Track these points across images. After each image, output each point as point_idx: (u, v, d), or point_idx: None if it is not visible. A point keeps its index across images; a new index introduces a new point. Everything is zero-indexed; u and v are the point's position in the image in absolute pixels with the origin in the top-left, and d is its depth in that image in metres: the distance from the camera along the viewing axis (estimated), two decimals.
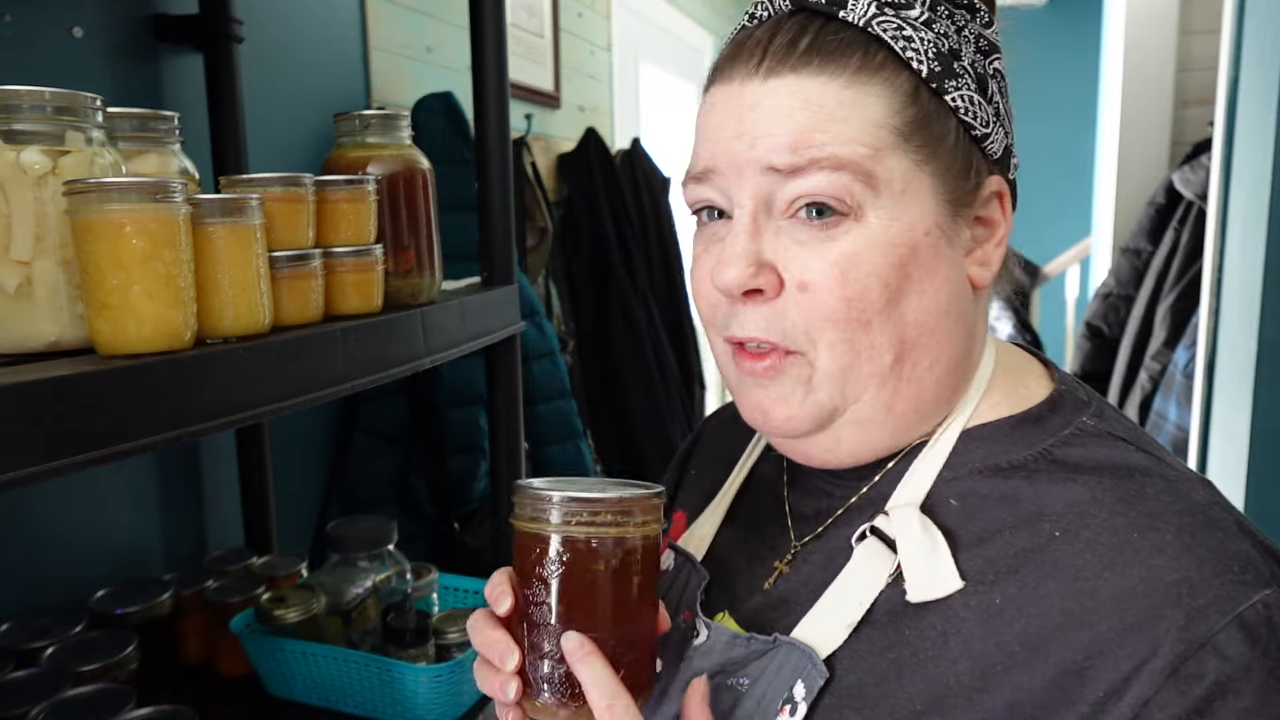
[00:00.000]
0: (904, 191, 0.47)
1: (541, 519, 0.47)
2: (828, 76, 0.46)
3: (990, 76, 0.49)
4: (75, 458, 0.54)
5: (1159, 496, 0.45)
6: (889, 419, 0.50)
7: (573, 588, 0.47)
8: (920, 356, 0.49)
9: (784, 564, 0.55)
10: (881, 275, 0.46)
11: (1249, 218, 1.71)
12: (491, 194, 1.12)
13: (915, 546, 0.47)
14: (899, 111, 0.46)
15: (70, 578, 1.06)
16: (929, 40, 0.47)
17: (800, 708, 0.47)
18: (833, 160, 0.46)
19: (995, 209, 0.50)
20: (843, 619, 0.48)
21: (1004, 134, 0.50)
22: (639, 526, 0.48)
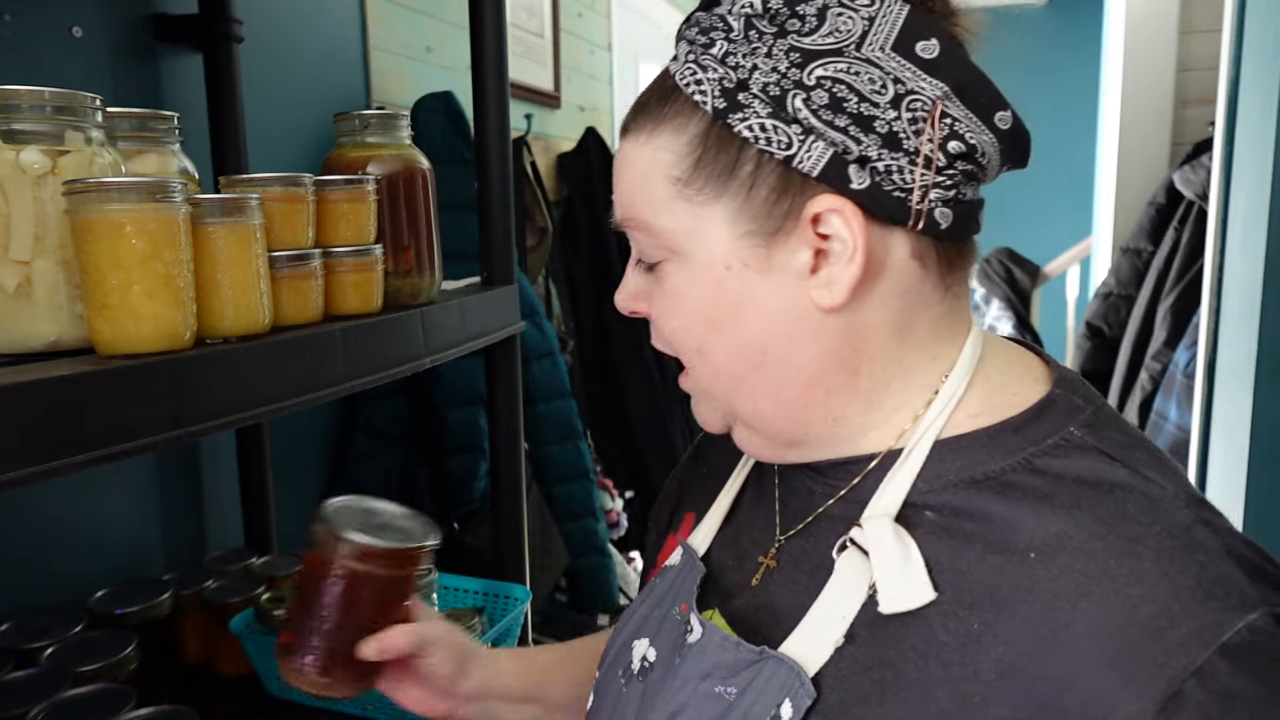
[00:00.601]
0: (690, 234, 0.50)
1: (325, 542, 0.63)
2: (638, 135, 0.51)
3: (801, 86, 0.46)
4: (75, 458, 0.54)
5: (1139, 518, 0.43)
6: (767, 425, 0.53)
7: (330, 597, 0.63)
8: (761, 375, 0.51)
9: (769, 559, 0.56)
10: (693, 310, 0.51)
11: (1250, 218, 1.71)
12: (491, 194, 1.12)
13: (887, 557, 0.46)
14: (681, 159, 0.49)
15: (70, 578, 1.06)
16: (717, 76, 0.48)
17: None
18: (634, 222, 0.52)
19: (836, 226, 0.47)
20: (829, 636, 0.48)
21: (829, 146, 0.46)
22: (393, 568, 0.65)
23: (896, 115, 0.46)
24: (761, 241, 0.48)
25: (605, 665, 0.62)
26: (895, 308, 0.50)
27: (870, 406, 0.51)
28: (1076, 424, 0.48)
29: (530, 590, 1.18)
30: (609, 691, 0.59)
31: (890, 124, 0.46)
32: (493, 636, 1.05)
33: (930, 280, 0.50)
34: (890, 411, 0.51)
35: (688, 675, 0.52)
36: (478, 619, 1.05)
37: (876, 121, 0.46)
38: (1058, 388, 0.51)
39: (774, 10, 0.47)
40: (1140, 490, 0.45)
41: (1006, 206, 4.80)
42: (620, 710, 0.57)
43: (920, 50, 0.47)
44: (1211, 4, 2.81)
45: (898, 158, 0.47)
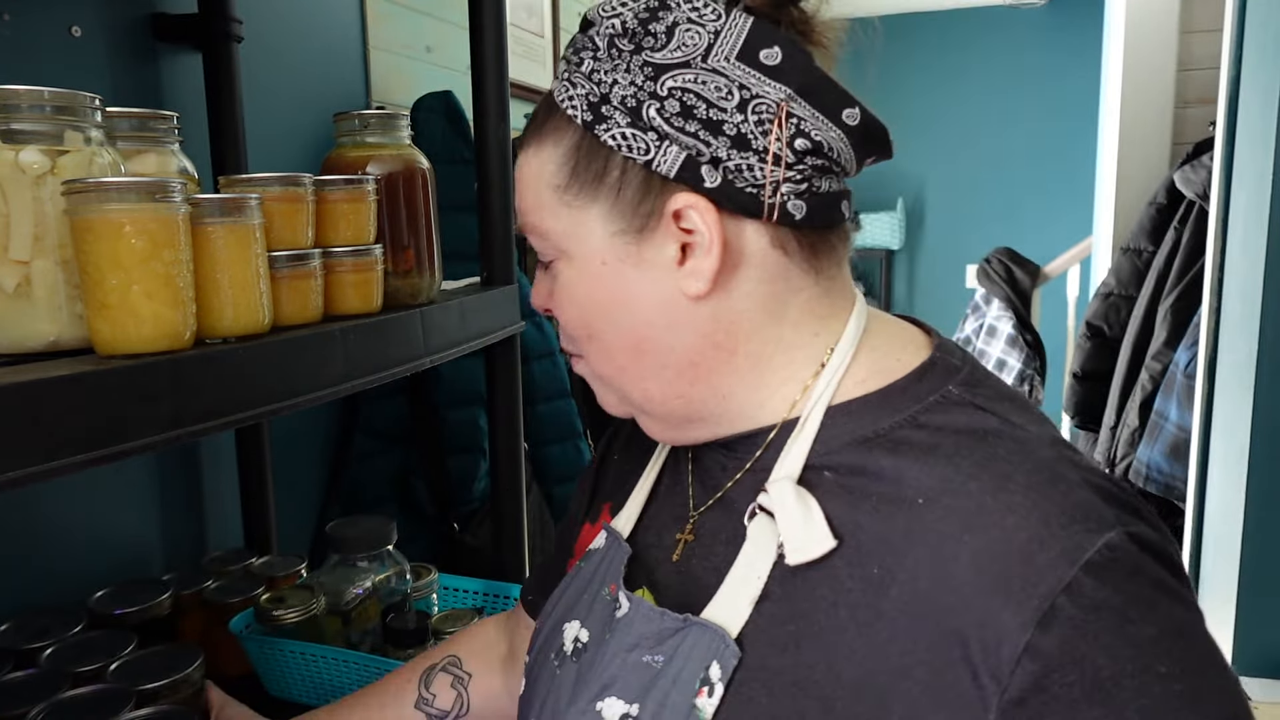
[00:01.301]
0: (571, 235, 0.55)
1: None
2: (528, 148, 0.57)
3: (655, 97, 0.51)
4: (75, 458, 0.54)
5: (1009, 458, 0.48)
6: (657, 407, 0.58)
7: None
8: (643, 361, 0.56)
9: (686, 534, 0.59)
10: (579, 302, 0.57)
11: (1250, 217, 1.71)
12: (491, 194, 1.12)
13: (790, 513, 0.50)
14: (560, 168, 0.55)
15: (70, 578, 1.06)
16: (584, 92, 0.53)
17: (717, 688, 0.49)
18: (528, 225, 0.58)
19: (695, 221, 0.52)
20: (746, 597, 0.51)
21: (682, 150, 0.51)
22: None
23: (744, 118, 0.51)
24: (632, 239, 0.54)
25: (535, 650, 0.64)
26: (764, 294, 0.55)
27: (757, 382, 0.56)
28: (954, 382, 0.54)
29: None
30: (542, 674, 0.62)
31: (738, 126, 0.51)
32: None
33: (796, 266, 0.55)
34: (778, 385, 0.56)
35: (617, 648, 0.55)
36: (477, 619, 1.05)
37: (725, 125, 0.51)
38: (937, 352, 0.56)
39: (631, 30, 0.53)
40: (1009, 435, 0.50)
41: (1007, 206, 4.81)
42: (555, 691, 0.60)
43: (764, 58, 0.52)
44: (1212, 4, 2.81)
45: (747, 156, 0.52)
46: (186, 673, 0.89)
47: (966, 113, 4.65)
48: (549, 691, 0.60)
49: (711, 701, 0.49)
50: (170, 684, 0.88)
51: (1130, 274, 2.69)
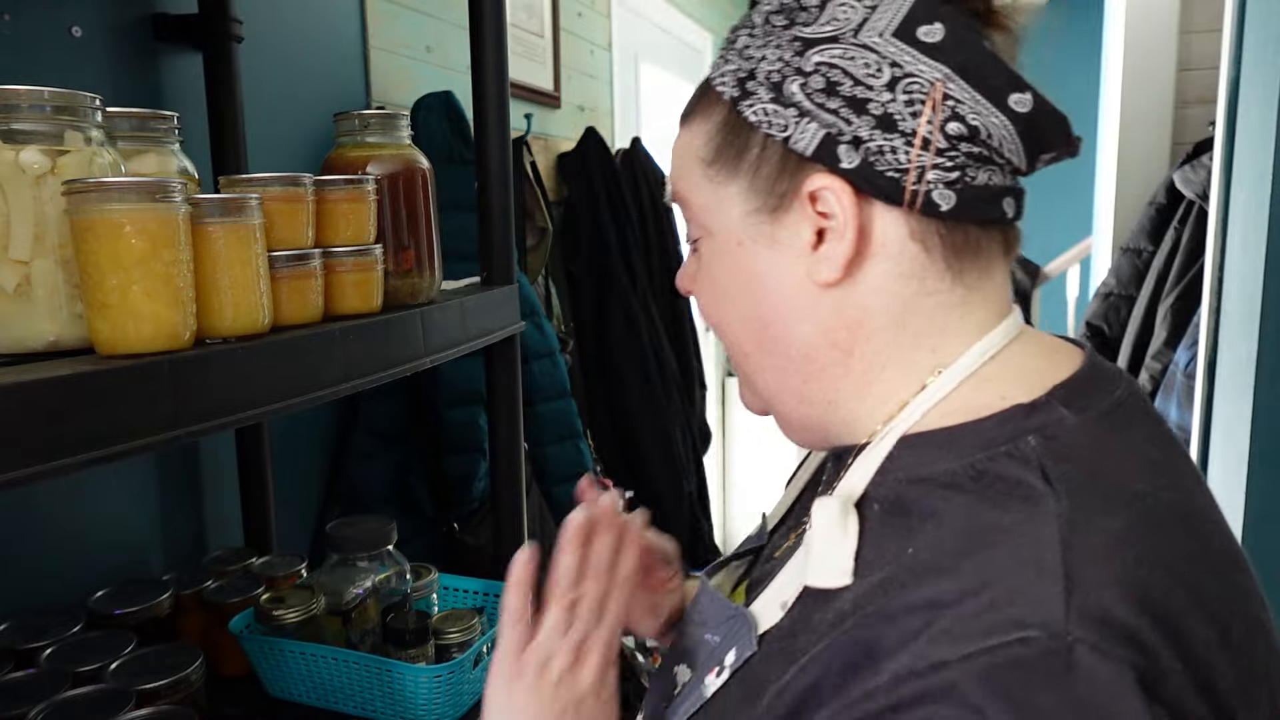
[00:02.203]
0: (714, 212, 0.54)
1: None
2: (683, 124, 0.57)
3: (800, 73, 0.49)
4: (75, 458, 0.54)
5: (1012, 538, 0.42)
6: (778, 404, 0.57)
7: None
8: (767, 350, 0.54)
9: (795, 537, 0.59)
10: (717, 284, 0.55)
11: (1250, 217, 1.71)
12: (491, 194, 1.12)
13: (825, 533, 0.48)
14: (707, 143, 0.54)
15: (69, 578, 1.06)
16: (733, 69, 0.52)
17: (725, 674, 0.52)
18: (677, 196, 0.57)
19: (830, 203, 0.49)
20: (779, 600, 0.51)
21: (821, 128, 0.48)
22: None
23: (892, 97, 0.47)
24: (766, 218, 0.52)
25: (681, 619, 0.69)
26: (893, 291, 0.50)
27: (863, 393, 0.52)
28: (1038, 434, 0.46)
29: None
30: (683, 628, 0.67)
31: (885, 105, 0.48)
32: (492, 637, 1.05)
33: (934, 266, 0.50)
34: (879, 400, 0.52)
35: (694, 623, 0.58)
36: (477, 619, 1.05)
37: (870, 104, 0.48)
38: (1055, 394, 0.48)
39: (787, 5, 0.50)
40: (1034, 506, 0.43)
41: None
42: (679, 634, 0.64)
43: (922, 34, 0.48)
44: (1211, 4, 2.81)
45: (892, 138, 0.48)
46: (186, 673, 0.89)
47: None
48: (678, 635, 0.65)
49: (716, 682, 0.52)
50: (170, 684, 0.88)
51: (1130, 274, 2.69)
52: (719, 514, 4.13)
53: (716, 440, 4.07)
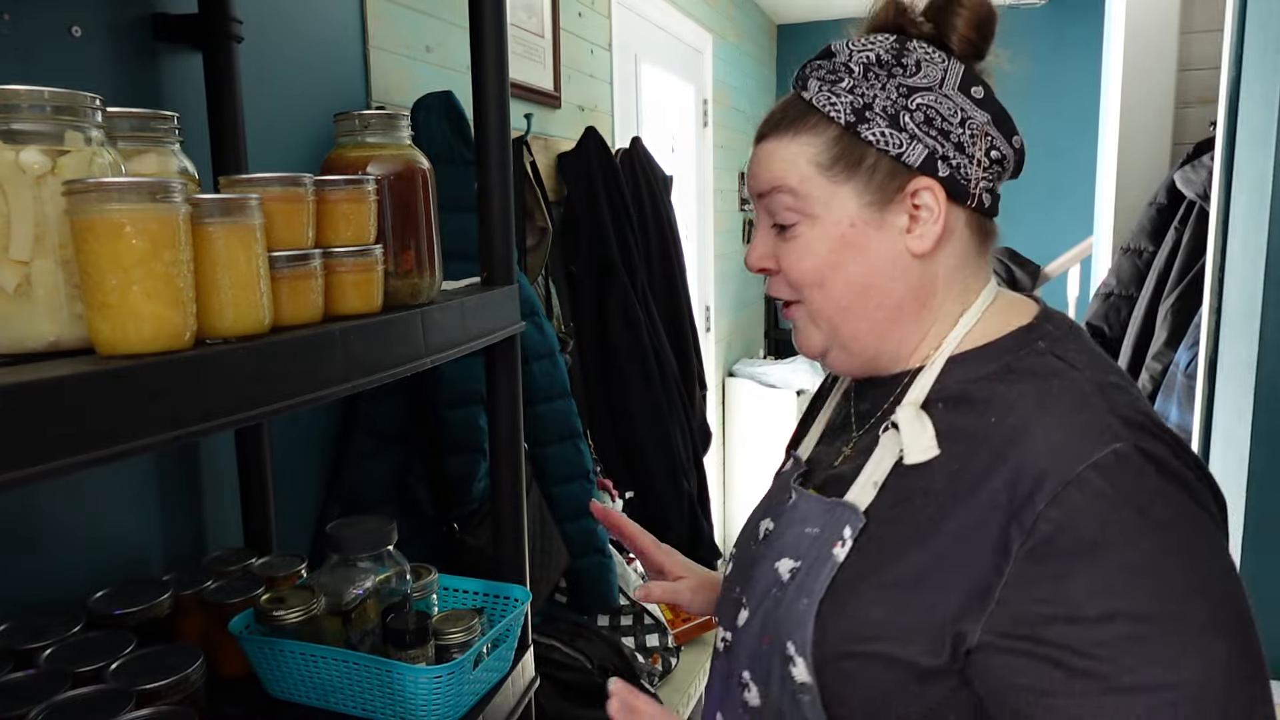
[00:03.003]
0: (829, 202, 0.72)
1: None
2: (784, 136, 0.74)
3: (907, 109, 0.71)
4: (75, 458, 0.54)
5: (1058, 391, 0.66)
6: (860, 344, 0.76)
7: None
8: (865, 303, 0.74)
9: (849, 450, 0.79)
10: (820, 256, 0.73)
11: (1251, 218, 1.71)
12: (491, 194, 1.11)
13: (911, 428, 0.70)
14: (822, 152, 0.72)
15: (68, 578, 1.06)
16: (847, 102, 0.71)
17: (847, 543, 0.70)
18: (780, 185, 0.74)
19: (926, 199, 0.71)
20: (871, 483, 0.71)
21: (925, 148, 0.70)
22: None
23: (963, 131, 0.72)
24: (877, 208, 0.72)
25: (740, 542, 0.86)
26: (954, 263, 0.74)
27: (922, 331, 0.75)
28: (1042, 339, 0.71)
29: (530, 591, 1.18)
30: (743, 556, 0.83)
31: (959, 137, 0.71)
32: (492, 637, 1.05)
33: (974, 244, 0.75)
34: (926, 335, 0.75)
35: (788, 524, 0.77)
36: (477, 620, 1.05)
37: (952, 134, 0.71)
38: (1038, 318, 0.74)
39: (885, 61, 0.72)
40: (1066, 375, 0.67)
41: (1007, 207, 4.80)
42: (752, 563, 0.80)
43: (973, 92, 0.73)
44: (1212, 4, 2.81)
45: (962, 159, 0.72)
46: (186, 673, 0.89)
47: None
48: (748, 565, 0.81)
49: (843, 550, 0.70)
50: (170, 684, 0.88)
51: (1130, 274, 2.69)
52: (719, 514, 4.12)
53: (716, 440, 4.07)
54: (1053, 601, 0.60)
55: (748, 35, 4.40)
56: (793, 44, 4.95)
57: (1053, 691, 0.59)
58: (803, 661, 0.69)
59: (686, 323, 2.73)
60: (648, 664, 1.99)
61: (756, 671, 0.74)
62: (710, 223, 3.86)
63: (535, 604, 1.33)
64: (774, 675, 0.72)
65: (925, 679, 0.65)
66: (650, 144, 2.72)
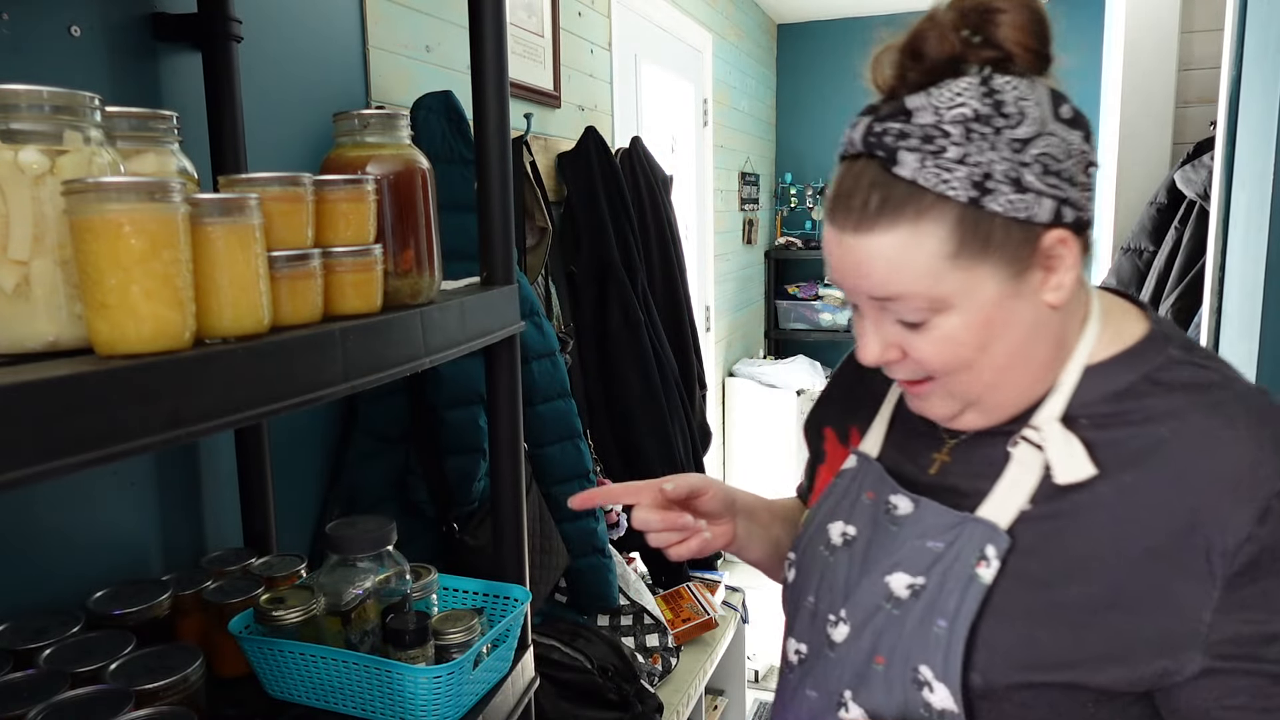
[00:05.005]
0: (967, 290, 0.65)
1: None
2: (892, 231, 0.65)
3: (1026, 165, 0.64)
4: (74, 458, 0.54)
5: (1233, 404, 0.65)
6: (999, 408, 0.71)
7: None
8: (1015, 369, 0.69)
9: (942, 456, 0.75)
10: (968, 343, 0.67)
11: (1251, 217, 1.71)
12: (491, 194, 1.11)
13: (1060, 447, 0.66)
14: (947, 240, 0.64)
15: (68, 578, 1.06)
16: (963, 175, 0.63)
17: (994, 563, 0.66)
18: (905, 295, 0.66)
19: (1060, 251, 0.66)
20: (1013, 503, 0.67)
21: (1051, 200, 0.64)
22: None
23: (1074, 162, 0.66)
24: (1014, 278, 0.66)
25: (802, 545, 0.81)
26: (1078, 290, 0.70)
27: (1061, 366, 0.70)
28: (1174, 348, 0.69)
29: (530, 591, 1.18)
30: (813, 563, 0.78)
31: (1072, 170, 0.66)
32: (492, 637, 1.05)
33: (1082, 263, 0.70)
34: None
35: (907, 536, 0.71)
36: (477, 620, 1.05)
37: (1064, 171, 0.65)
38: (1153, 323, 0.72)
39: (985, 115, 0.64)
40: (1229, 388, 0.66)
41: None
42: (830, 574, 0.76)
43: (1063, 113, 0.66)
44: (1212, 4, 2.81)
45: (1078, 191, 0.66)
46: (186, 673, 0.89)
47: None
48: (823, 575, 0.77)
49: (989, 571, 0.66)
50: (169, 685, 0.88)
51: (1131, 274, 2.69)
52: None
53: (716, 440, 4.07)
54: (1271, 620, 0.60)
55: (748, 35, 4.40)
56: (793, 43, 4.95)
57: (1273, 708, 0.60)
58: (944, 688, 0.65)
59: (686, 323, 2.73)
60: (648, 664, 1.99)
61: (865, 694, 0.70)
62: (710, 223, 3.86)
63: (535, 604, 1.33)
64: (894, 699, 0.68)
65: (1104, 701, 0.64)
66: (650, 144, 2.72)
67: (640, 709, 1.72)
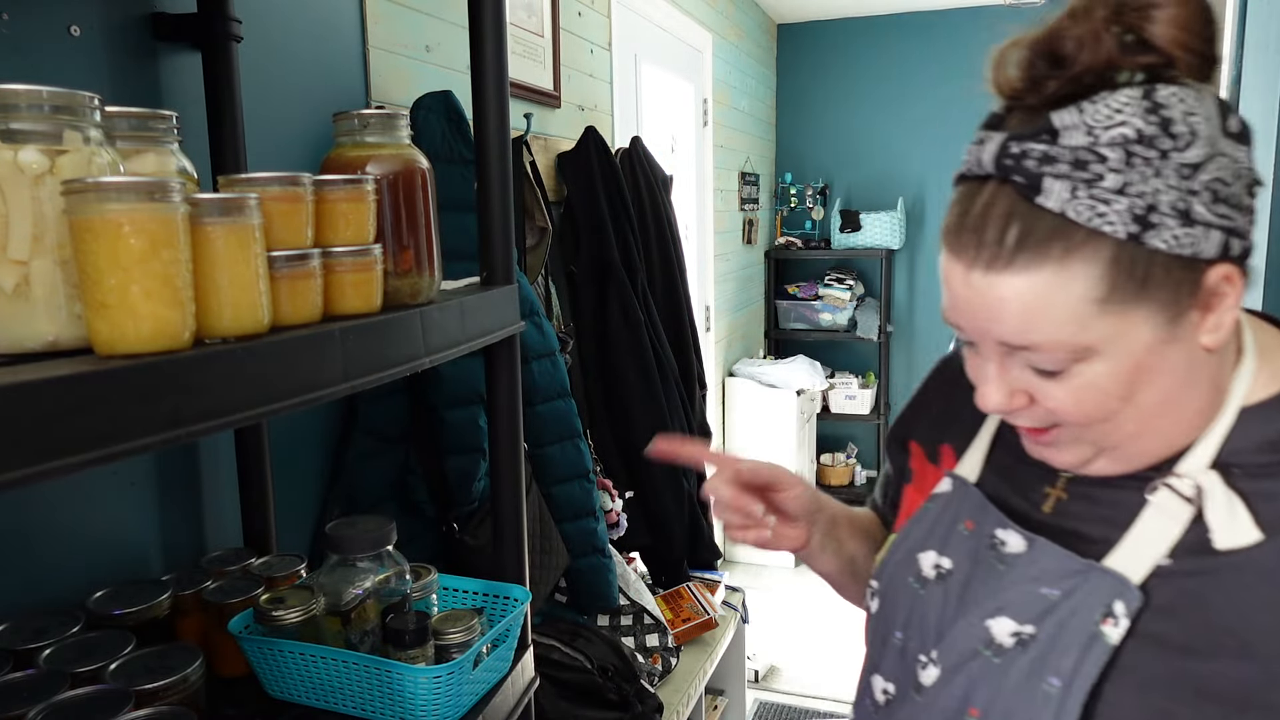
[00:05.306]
0: (1116, 337, 0.57)
1: None
2: (1033, 271, 0.56)
3: (1195, 194, 0.54)
4: (74, 458, 0.54)
5: None
6: (1139, 456, 0.62)
7: None
8: (1164, 417, 0.60)
9: (1057, 491, 0.67)
10: (1112, 392, 0.58)
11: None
12: (491, 194, 1.11)
13: (1220, 503, 0.58)
14: (1099, 282, 0.55)
15: (68, 578, 1.06)
16: (1123, 207, 0.54)
17: (1122, 621, 0.58)
18: (1044, 344, 0.58)
19: (1223, 288, 0.57)
20: (1148, 555, 0.60)
21: (1220, 232, 0.55)
22: None
23: (1240, 186, 0.57)
24: (1171, 321, 0.57)
25: (888, 573, 0.74)
26: (1235, 326, 0.60)
27: (1216, 409, 0.62)
28: None
29: (530, 591, 1.18)
30: (900, 595, 0.71)
31: (1239, 194, 0.57)
32: (492, 637, 1.05)
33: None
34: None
35: (1017, 578, 0.64)
36: (477, 619, 1.05)
37: (1233, 197, 0.56)
38: None
39: (1150, 136, 0.54)
40: None
41: None
42: (921, 610, 0.69)
43: (1230, 126, 0.57)
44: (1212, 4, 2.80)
45: (1244, 217, 0.57)
46: (185, 673, 0.89)
47: (967, 113, 4.64)
48: (913, 608, 0.70)
49: (1117, 630, 0.58)
50: (169, 684, 0.88)
51: None
52: None
53: (716, 440, 4.07)
54: None
55: (748, 35, 4.40)
56: (793, 43, 4.95)
57: None
58: None
59: (686, 323, 2.73)
60: (648, 664, 1.99)
61: None
62: (710, 223, 3.86)
63: (535, 604, 1.33)
64: None
65: None
66: (650, 144, 2.72)
67: (640, 709, 1.72)
